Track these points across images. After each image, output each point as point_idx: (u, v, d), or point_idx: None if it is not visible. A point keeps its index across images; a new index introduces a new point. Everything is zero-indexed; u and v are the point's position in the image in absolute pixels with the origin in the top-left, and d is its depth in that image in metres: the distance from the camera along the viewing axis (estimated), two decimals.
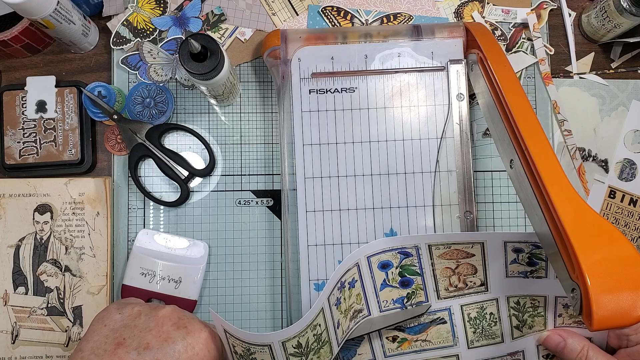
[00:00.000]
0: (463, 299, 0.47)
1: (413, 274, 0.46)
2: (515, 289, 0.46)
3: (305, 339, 0.42)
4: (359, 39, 0.57)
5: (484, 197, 0.61)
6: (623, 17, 0.57)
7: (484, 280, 0.46)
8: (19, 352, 0.57)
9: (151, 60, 0.60)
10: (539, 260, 0.44)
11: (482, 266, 0.45)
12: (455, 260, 0.45)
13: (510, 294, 0.46)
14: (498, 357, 0.48)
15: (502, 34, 0.63)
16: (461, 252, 0.45)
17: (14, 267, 0.58)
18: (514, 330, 0.47)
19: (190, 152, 0.61)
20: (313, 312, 0.42)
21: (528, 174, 0.43)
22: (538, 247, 0.44)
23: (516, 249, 0.44)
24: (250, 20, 0.62)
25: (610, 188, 0.62)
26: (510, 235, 0.44)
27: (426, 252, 0.45)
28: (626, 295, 0.36)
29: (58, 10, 0.52)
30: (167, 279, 0.58)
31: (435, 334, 0.47)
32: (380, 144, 0.57)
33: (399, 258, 0.46)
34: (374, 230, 0.56)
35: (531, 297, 0.46)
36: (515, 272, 0.45)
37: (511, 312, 0.47)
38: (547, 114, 0.62)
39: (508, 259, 0.45)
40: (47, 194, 0.59)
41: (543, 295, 0.46)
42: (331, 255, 0.56)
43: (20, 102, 0.59)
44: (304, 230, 0.56)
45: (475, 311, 0.47)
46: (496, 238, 0.44)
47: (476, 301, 0.47)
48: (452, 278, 0.46)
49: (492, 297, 0.47)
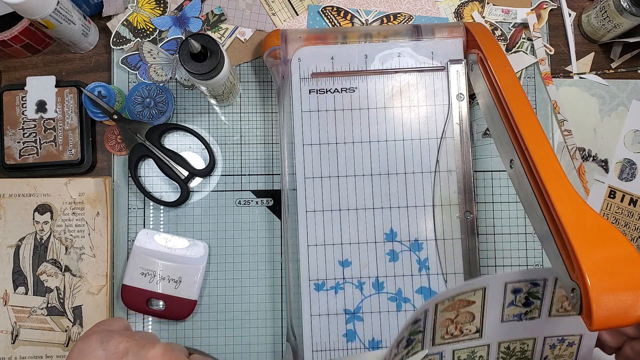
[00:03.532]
0: (456, 344, 0.47)
1: (416, 334, 0.45)
2: (508, 334, 0.46)
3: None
4: (359, 39, 0.57)
5: (484, 197, 0.61)
6: (623, 17, 0.57)
7: (480, 327, 0.46)
8: (19, 352, 0.57)
9: (151, 60, 0.60)
10: (534, 300, 0.44)
11: (480, 312, 0.45)
12: (456, 311, 0.45)
13: (503, 339, 0.46)
14: None
15: (502, 34, 0.63)
16: (463, 302, 0.44)
17: (14, 267, 0.58)
18: None
19: (190, 152, 0.61)
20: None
21: (528, 174, 0.43)
22: (536, 284, 0.43)
23: (515, 289, 0.44)
24: (250, 20, 0.62)
25: (610, 188, 0.62)
26: (512, 275, 0.43)
27: (432, 310, 0.44)
28: (626, 295, 0.36)
29: (58, 10, 0.52)
30: (167, 279, 0.58)
31: None
32: (380, 144, 0.57)
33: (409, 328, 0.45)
34: (374, 230, 0.56)
35: (521, 341, 0.46)
36: (511, 315, 0.45)
37: (500, 355, 0.47)
38: (547, 114, 0.62)
39: (506, 301, 0.44)
40: (47, 194, 0.59)
41: (532, 338, 0.46)
42: (331, 255, 0.56)
43: (20, 102, 0.59)
44: (304, 230, 0.56)
45: (466, 354, 0.47)
46: (498, 281, 0.43)
47: (469, 346, 0.47)
48: (450, 327, 0.46)
49: (484, 343, 0.46)
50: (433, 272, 0.56)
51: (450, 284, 0.55)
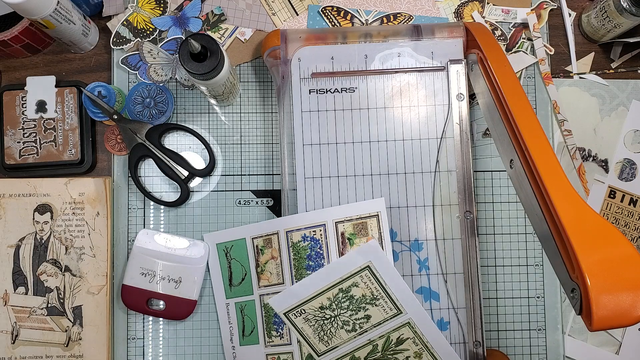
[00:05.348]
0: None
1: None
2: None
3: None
4: (359, 39, 0.57)
5: (484, 197, 0.61)
6: (623, 17, 0.57)
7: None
8: (19, 352, 0.57)
9: (151, 60, 0.60)
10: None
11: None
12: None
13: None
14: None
15: (502, 34, 0.63)
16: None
17: (14, 267, 0.58)
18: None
19: (190, 152, 0.61)
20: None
21: (528, 174, 0.43)
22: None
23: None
24: (250, 20, 0.62)
25: (610, 188, 0.62)
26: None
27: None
28: (626, 295, 0.36)
29: (58, 10, 0.52)
30: (167, 279, 0.58)
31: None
32: (380, 144, 0.57)
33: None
34: None
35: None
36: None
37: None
38: (547, 114, 0.62)
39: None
40: (47, 194, 0.59)
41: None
42: None
43: (20, 102, 0.59)
44: None
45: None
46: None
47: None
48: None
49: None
50: (433, 272, 0.56)
51: (450, 283, 0.55)
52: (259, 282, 0.56)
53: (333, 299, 0.54)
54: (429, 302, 0.55)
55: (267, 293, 0.56)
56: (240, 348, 0.57)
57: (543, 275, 0.60)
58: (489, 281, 0.60)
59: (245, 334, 0.57)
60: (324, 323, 0.54)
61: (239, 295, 0.57)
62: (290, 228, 0.55)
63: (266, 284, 0.56)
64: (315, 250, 0.54)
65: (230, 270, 0.57)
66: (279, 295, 0.54)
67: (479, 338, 0.55)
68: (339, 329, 0.54)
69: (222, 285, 0.58)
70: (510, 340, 0.60)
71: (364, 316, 0.54)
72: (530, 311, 0.60)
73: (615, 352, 0.60)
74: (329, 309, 0.54)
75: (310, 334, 0.54)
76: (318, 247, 0.54)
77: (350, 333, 0.54)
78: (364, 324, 0.54)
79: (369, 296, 0.53)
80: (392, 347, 0.54)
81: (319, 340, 0.54)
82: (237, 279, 0.57)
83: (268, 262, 0.56)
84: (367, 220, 0.54)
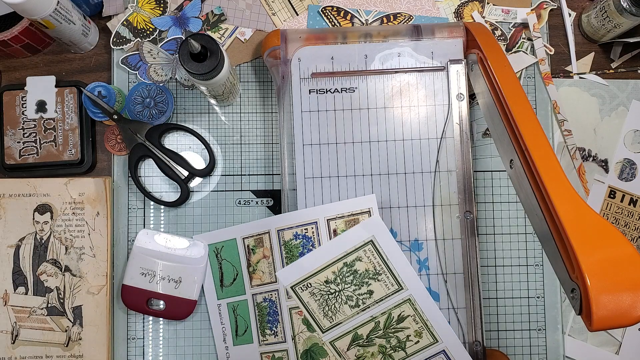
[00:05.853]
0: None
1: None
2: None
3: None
4: (359, 39, 0.57)
5: (484, 197, 0.61)
6: (623, 17, 0.57)
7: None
8: (19, 352, 0.57)
9: (151, 60, 0.60)
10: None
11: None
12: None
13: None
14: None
15: (502, 34, 0.63)
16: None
17: (14, 267, 0.58)
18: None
19: (190, 152, 0.61)
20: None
21: (528, 174, 0.43)
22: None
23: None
24: (250, 20, 0.62)
25: (610, 188, 0.62)
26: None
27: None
28: (626, 295, 0.36)
29: (58, 10, 0.52)
30: (167, 279, 0.58)
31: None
32: (380, 144, 0.57)
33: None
34: None
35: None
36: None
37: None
38: (547, 114, 0.62)
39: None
40: (47, 194, 0.59)
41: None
42: None
43: (20, 102, 0.59)
44: None
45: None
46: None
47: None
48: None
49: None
50: (433, 272, 0.56)
51: (450, 283, 0.55)
52: (251, 281, 0.56)
53: (338, 273, 0.54)
54: None
55: (260, 292, 0.56)
56: (233, 348, 0.57)
57: (543, 275, 0.60)
58: (489, 281, 0.60)
59: (239, 334, 0.57)
60: (329, 298, 0.55)
61: (230, 296, 0.57)
62: (282, 227, 0.55)
63: (259, 283, 0.56)
64: (307, 248, 0.55)
65: (221, 271, 0.58)
66: (287, 268, 0.55)
67: (479, 338, 0.55)
68: (343, 304, 0.54)
69: (213, 286, 0.58)
70: (510, 340, 0.60)
71: (366, 291, 0.54)
72: (530, 311, 0.60)
73: (615, 352, 0.60)
74: (334, 283, 0.54)
75: (315, 308, 0.55)
76: (310, 245, 0.55)
77: (354, 309, 0.54)
78: (366, 299, 0.54)
79: (372, 271, 0.54)
80: (394, 325, 0.54)
81: (323, 315, 0.54)
82: (228, 279, 0.57)
83: (260, 261, 0.56)
84: (358, 216, 0.55)
